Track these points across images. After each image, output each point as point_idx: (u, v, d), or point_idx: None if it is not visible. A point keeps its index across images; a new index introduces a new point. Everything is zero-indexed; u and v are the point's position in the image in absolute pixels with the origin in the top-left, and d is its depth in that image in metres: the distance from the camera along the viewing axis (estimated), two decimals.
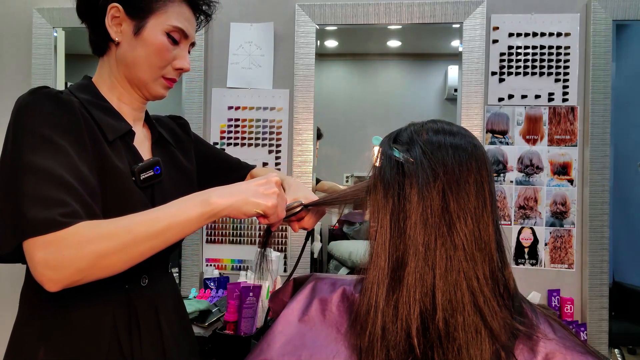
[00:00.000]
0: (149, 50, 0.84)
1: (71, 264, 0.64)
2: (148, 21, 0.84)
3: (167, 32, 0.85)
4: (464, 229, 0.62)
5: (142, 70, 0.86)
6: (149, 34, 0.84)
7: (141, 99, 0.91)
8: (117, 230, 0.67)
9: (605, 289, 1.59)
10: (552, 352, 0.60)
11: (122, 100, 0.89)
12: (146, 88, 0.88)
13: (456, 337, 0.59)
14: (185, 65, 0.89)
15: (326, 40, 1.92)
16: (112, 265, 0.67)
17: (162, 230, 0.68)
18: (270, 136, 1.78)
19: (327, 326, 0.64)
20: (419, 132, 0.69)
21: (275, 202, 0.74)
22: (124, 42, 0.85)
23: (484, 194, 0.64)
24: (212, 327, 1.42)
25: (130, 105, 0.90)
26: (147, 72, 0.86)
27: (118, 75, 0.88)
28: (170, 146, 0.98)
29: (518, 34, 1.68)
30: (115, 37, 0.85)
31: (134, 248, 0.67)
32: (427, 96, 2.05)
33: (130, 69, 0.86)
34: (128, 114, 0.89)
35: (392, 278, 0.62)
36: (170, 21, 0.85)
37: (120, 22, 0.84)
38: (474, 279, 0.61)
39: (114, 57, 0.87)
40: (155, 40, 0.84)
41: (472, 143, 0.67)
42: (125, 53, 0.85)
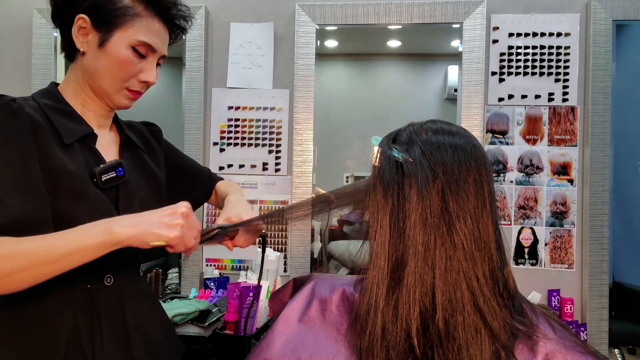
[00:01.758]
0: (112, 62, 0.85)
1: None
2: (113, 34, 0.85)
3: (132, 46, 0.86)
4: (463, 229, 0.62)
5: (104, 81, 0.87)
6: (113, 46, 0.85)
7: (105, 107, 0.92)
8: (16, 253, 0.69)
9: (605, 289, 1.59)
10: (552, 352, 0.60)
11: (86, 106, 0.90)
12: (109, 98, 0.89)
13: (456, 337, 0.59)
14: (150, 79, 0.90)
15: (326, 40, 1.92)
16: (10, 284, 0.70)
17: (62, 257, 0.71)
18: (270, 136, 1.78)
19: (327, 326, 0.64)
20: (418, 132, 0.69)
21: (179, 233, 0.75)
22: (88, 53, 0.86)
23: (483, 194, 0.64)
24: (212, 327, 1.42)
25: (94, 112, 0.91)
26: (109, 84, 0.87)
27: (82, 83, 0.89)
28: (139, 150, 0.99)
29: (518, 34, 1.68)
30: (80, 47, 0.86)
31: (31, 271, 0.70)
32: (427, 96, 2.05)
33: (93, 79, 0.87)
34: (92, 119, 0.90)
35: (392, 278, 0.63)
36: (136, 36, 0.86)
37: (86, 33, 0.85)
38: (473, 279, 0.61)
39: (80, 66, 0.88)
40: (119, 54, 0.85)
41: (471, 143, 0.67)
42: (89, 63, 0.86)
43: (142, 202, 0.90)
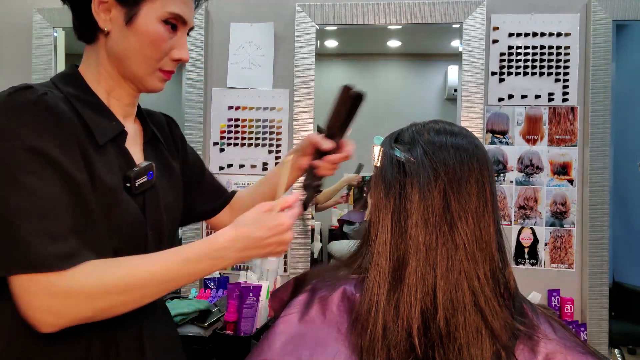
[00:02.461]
0: (143, 41, 0.74)
1: (74, 316, 0.62)
2: (141, 8, 0.74)
3: (164, 20, 0.75)
4: (465, 229, 0.62)
5: (135, 63, 0.76)
6: (142, 22, 0.74)
7: (134, 92, 0.82)
8: (124, 286, 0.64)
9: (605, 289, 1.59)
10: (552, 352, 0.60)
11: (112, 94, 0.79)
12: (141, 82, 0.79)
13: (457, 336, 0.59)
14: (184, 56, 0.79)
15: (326, 40, 1.92)
16: (113, 315, 0.66)
17: (170, 288, 0.68)
18: (270, 136, 1.78)
19: (328, 326, 0.64)
20: (421, 132, 0.69)
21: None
22: (114, 32, 0.75)
23: (485, 194, 0.64)
24: (212, 327, 1.42)
25: (121, 100, 0.80)
26: (141, 65, 0.77)
27: (108, 67, 0.78)
28: (161, 146, 0.90)
29: (518, 34, 1.68)
30: (103, 26, 0.74)
31: (137, 303, 0.67)
32: (427, 96, 2.05)
33: (121, 62, 0.76)
34: (118, 109, 0.80)
35: (393, 277, 0.63)
36: (166, 7, 0.75)
37: (109, 8, 0.74)
38: (474, 279, 0.61)
39: (103, 48, 0.77)
40: (150, 30, 0.74)
41: (473, 143, 0.68)
42: (116, 44, 0.75)
43: (166, 208, 0.83)
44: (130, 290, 0.65)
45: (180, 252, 0.68)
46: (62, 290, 0.61)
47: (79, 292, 0.62)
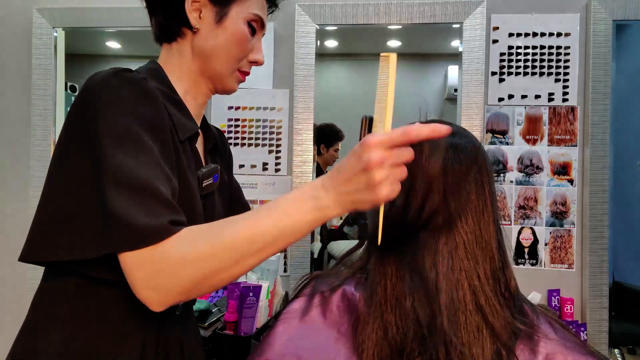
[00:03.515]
0: (230, 40, 0.78)
1: (173, 288, 0.59)
2: (231, 8, 0.77)
3: (249, 21, 0.79)
4: (465, 228, 0.62)
5: (220, 62, 0.79)
6: (231, 22, 0.77)
7: (208, 93, 0.84)
8: (218, 249, 0.59)
9: (605, 289, 1.59)
10: (552, 352, 0.60)
11: (189, 93, 0.81)
12: (221, 81, 0.82)
13: (458, 336, 0.59)
14: (260, 58, 0.83)
15: (326, 40, 1.92)
16: (215, 284, 0.61)
17: (266, 245, 0.60)
18: (270, 136, 1.78)
19: (328, 326, 0.64)
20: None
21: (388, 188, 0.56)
22: (203, 30, 0.78)
23: (484, 193, 0.64)
24: (212, 327, 1.42)
25: (196, 99, 0.82)
26: (225, 65, 0.80)
27: (191, 65, 0.80)
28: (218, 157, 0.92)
29: (518, 34, 1.68)
30: (195, 24, 0.77)
31: (236, 267, 0.60)
32: (427, 96, 2.04)
33: (207, 60, 0.79)
34: (192, 108, 0.81)
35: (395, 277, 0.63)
36: (252, 9, 0.79)
37: (200, 8, 0.77)
38: (475, 278, 0.61)
39: (189, 46, 0.79)
40: (237, 30, 0.78)
41: (472, 143, 0.68)
42: (204, 42, 0.78)
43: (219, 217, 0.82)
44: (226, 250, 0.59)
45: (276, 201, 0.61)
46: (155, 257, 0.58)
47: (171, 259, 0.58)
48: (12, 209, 1.86)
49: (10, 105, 1.89)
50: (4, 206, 1.88)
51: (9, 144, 1.88)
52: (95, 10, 1.78)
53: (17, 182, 1.86)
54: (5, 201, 1.88)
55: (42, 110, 1.81)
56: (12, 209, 1.86)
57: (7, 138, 1.89)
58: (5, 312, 1.83)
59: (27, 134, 1.84)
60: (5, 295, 1.83)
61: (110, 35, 1.92)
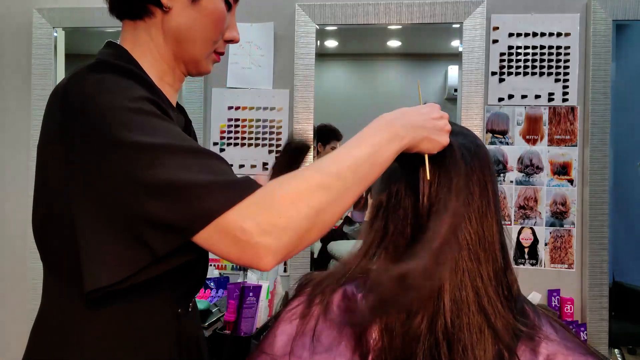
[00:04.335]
0: (207, 21, 0.68)
1: (290, 224, 0.53)
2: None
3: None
4: (468, 228, 0.62)
5: (197, 45, 0.70)
6: (209, 0, 0.68)
7: (183, 77, 0.76)
8: (329, 179, 0.56)
9: (605, 289, 1.59)
10: (553, 353, 0.60)
11: (164, 79, 0.72)
12: (197, 65, 0.73)
13: (461, 337, 0.59)
14: (236, 36, 0.75)
15: (326, 40, 1.92)
16: (328, 220, 0.57)
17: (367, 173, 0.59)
18: (270, 136, 1.78)
19: (329, 326, 0.64)
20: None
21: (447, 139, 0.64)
22: (175, 10, 0.67)
23: (487, 194, 0.64)
24: (212, 327, 1.42)
25: (172, 85, 0.74)
26: (201, 47, 0.71)
27: (163, 49, 0.70)
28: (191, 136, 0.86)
29: (518, 34, 1.68)
30: (166, 3, 0.66)
31: (345, 197, 0.57)
32: (427, 96, 2.04)
33: (181, 44, 0.69)
34: (169, 95, 0.73)
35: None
36: None
37: None
38: (478, 279, 0.61)
39: (159, 27, 0.68)
40: (216, 8, 0.68)
41: (475, 142, 0.68)
42: (178, 23, 0.68)
43: None
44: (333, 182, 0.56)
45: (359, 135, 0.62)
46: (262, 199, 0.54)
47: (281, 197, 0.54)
48: (12, 209, 1.86)
49: (10, 105, 1.89)
50: (4, 206, 1.88)
51: (9, 144, 1.88)
52: (95, 10, 1.78)
53: (17, 182, 1.86)
54: (5, 201, 1.87)
55: (42, 110, 1.80)
56: (12, 209, 1.86)
57: (7, 138, 1.89)
58: (5, 312, 1.83)
59: (27, 133, 1.84)
60: (6, 295, 1.83)
61: (110, 36, 1.91)
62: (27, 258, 1.76)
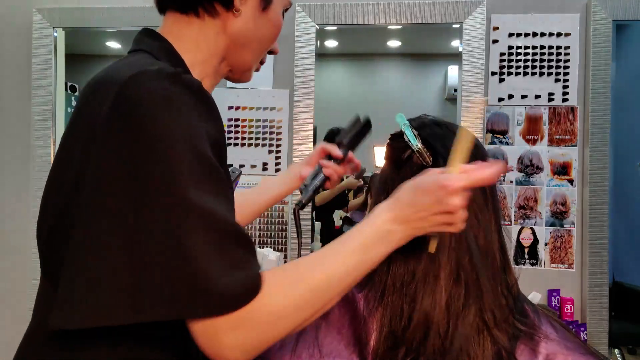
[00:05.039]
0: (271, 30, 0.69)
1: (263, 344, 0.53)
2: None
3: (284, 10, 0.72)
4: (466, 228, 0.62)
5: (253, 52, 0.70)
6: (274, 11, 0.69)
7: (218, 82, 0.74)
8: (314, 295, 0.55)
9: (605, 289, 1.59)
10: (553, 353, 0.60)
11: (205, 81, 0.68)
12: (244, 72, 0.73)
13: (459, 337, 0.59)
14: (277, 47, 0.75)
15: (326, 40, 1.92)
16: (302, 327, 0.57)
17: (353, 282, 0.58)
18: (270, 136, 1.78)
19: (327, 327, 0.64)
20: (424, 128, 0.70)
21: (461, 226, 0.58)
22: (245, 15, 0.66)
23: (485, 193, 0.64)
24: None
25: (210, 89, 0.71)
26: (256, 56, 0.71)
27: (215, 51, 0.67)
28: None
29: (518, 34, 1.68)
30: (238, 6, 0.65)
31: (325, 308, 0.57)
32: (427, 96, 2.04)
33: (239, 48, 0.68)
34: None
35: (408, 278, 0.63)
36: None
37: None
38: (477, 278, 0.61)
39: (221, 28, 0.66)
40: (278, 20, 0.70)
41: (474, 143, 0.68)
42: (244, 28, 0.66)
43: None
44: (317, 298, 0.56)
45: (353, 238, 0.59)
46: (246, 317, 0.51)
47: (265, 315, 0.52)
48: (12, 209, 1.86)
49: (10, 105, 1.89)
50: (4, 206, 1.88)
51: (9, 144, 1.88)
52: (95, 10, 1.78)
53: (17, 182, 1.86)
54: (5, 201, 1.88)
55: (42, 110, 1.81)
56: (12, 209, 1.86)
57: (7, 138, 1.89)
58: (5, 312, 1.83)
59: (27, 134, 1.84)
60: (5, 295, 1.83)
61: (110, 35, 1.92)
62: (27, 257, 1.76)
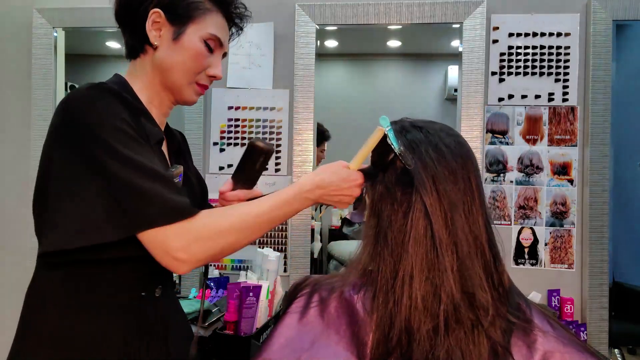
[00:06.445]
0: (186, 55, 0.87)
1: (206, 253, 0.73)
2: (187, 27, 0.86)
3: (205, 40, 0.87)
4: (454, 224, 0.62)
5: (177, 74, 0.88)
6: (187, 39, 0.86)
7: (170, 103, 0.93)
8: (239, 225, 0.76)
9: (605, 289, 1.59)
10: (550, 350, 0.60)
11: (152, 102, 0.90)
12: (179, 93, 0.90)
13: (455, 332, 0.59)
14: (218, 73, 0.91)
15: (326, 40, 1.92)
16: (234, 251, 0.77)
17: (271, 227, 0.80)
18: (270, 136, 1.78)
19: (326, 328, 0.64)
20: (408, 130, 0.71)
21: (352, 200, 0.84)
22: (162, 47, 0.87)
23: (471, 189, 0.65)
24: (212, 327, 1.42)
25: (159, 109, 0.92)
26: (182, 77, 0.88)
27: (152, 78, 0.89)
28: (181, 158, 1.00)
29: (518, 34, 1.68)
30: (154, 42, 0.86)
31: (253, 237, 0.78)
32: (427, 96, 2.04)
33: (165, 73, 0.88)
34: (156, 117, 0.90)
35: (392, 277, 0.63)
36: (208, 29, 0.87)
37: (160, 27, 0.86)
38: (467, 273, 0.61)
39: (150, 61, 0.88)
40: (193, 46, 0.86)
41: (456, 140, 0.69)
42: (163, 57, 0.87)
43: None
44: (244, 229, 0.77)
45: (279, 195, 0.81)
46: (198, 232, 0.73)
47: (210, 232, 0.74)
48: (12, 207, 1.86)
49: (10, 105, 1.89)
50: (4, 204, 1.88)
51: (9, 144, 1.89)
52: (95, 10, 1.78)
53: (17, 181, 1.86)
54: (6, 199, 1.88)
55: (42, 110, 1.81)
56: (13, 207, 1.86)
57: (7, 138, 1.89)
58: (5, 311, 1.83)
59: (27, 134, 1.84)
60: (5, 294, 1.83)
61: (110, 35, 1.92)
62: (27, 257, 1.76)
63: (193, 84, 0.90)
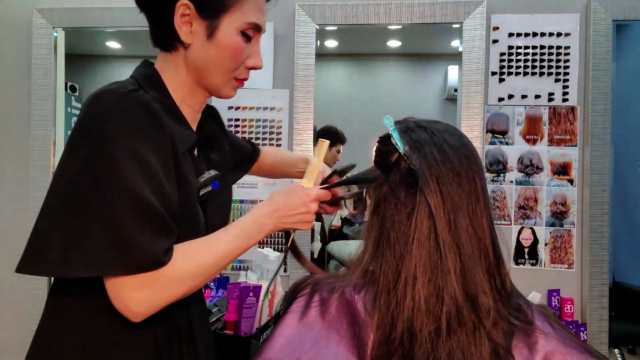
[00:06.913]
0: (223, 54, 0.77)
1: (166, 302, 0.69)
2: (222, 20, 0.75)
3: (242, 31, 0.77)
4: (458, 225, 0.62)
5: (214, 75, 0.79)
6: (223, 35, 0.76)
7: (204, 98, 0.85)
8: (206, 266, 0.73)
9: (605, 289, 1.59)
10: (551, 351, 0.60)
11: (185, 101, 0.82)
12: (217, 91, 0.83)
13: (456, 334, 0.59)
14: (258, 63, 0.83)
15: (326, 40, 1.92)
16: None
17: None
18: (270, 136, 1.78)
19: (327, 328, 0.64)
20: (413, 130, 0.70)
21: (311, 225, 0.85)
22: (195, 45, 0.77)
23: (476, 190, 0.65)
24: (212, 327, 1.42)
25: (192, 107, 0.83)
26: (220, 76, 0.80)
27: (185, 77, 0.80)
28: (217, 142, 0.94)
29: (518, 34, 1.68)
30: (186, 40, 0.76)
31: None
32: (427, 96, 2.04)
33: (201, 73, 0.79)
34: (189, 116, 0.82)
35: (394, 277, 0.63)
36: (246, 18, 0.77)
37: (190, 21, 0.75)
38: (470, 275, 0.61)
39: (182, 59, 0.79)
40: (230, 43, 0.76)
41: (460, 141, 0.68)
42: (197, 56, 0.77)
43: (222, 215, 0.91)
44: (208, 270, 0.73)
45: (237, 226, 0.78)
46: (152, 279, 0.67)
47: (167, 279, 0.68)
48: (12, 210, 1.86)
49: (10, 105, 1.89)
50: (4, 206, 1.88)
51: (9, 144, 1.88)
52: (95, 10, 1.78)
53: (17, 182, 1.86)
54: (5, 202, 1.88)
55: (42, 110, 1.81)
56: (12, 210, 1.86)
57: (7, 138, 1.89)
58: (5, 312, 1.83)
59: (27, 134, 1.84)
60: (5, 295, 1.83)
61: (110, 35, 1.92)
62: None
63: (232, 81, 0.82)
